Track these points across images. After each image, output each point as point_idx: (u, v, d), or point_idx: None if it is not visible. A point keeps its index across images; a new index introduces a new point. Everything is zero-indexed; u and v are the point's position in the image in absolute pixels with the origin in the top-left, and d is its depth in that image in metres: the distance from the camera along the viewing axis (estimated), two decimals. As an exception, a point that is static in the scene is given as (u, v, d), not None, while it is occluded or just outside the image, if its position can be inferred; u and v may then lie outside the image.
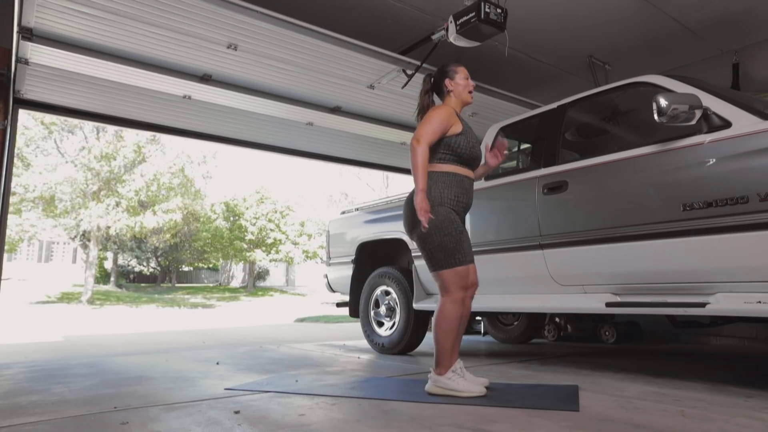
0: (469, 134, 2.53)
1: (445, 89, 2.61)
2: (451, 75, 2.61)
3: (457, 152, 2.47)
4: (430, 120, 2.44)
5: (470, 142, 2.51)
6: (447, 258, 2.37)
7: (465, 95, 2.61)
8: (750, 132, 2.26)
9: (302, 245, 24.44)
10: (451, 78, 2.60)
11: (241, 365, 3.54)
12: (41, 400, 2.39)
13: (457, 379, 2.34)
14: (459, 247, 2.38)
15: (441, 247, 2.37)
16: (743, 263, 2.26)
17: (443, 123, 2.45)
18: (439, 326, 2.38)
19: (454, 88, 2.60)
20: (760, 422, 1.83)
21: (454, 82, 2.60)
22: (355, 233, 4.65)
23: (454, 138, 2.47)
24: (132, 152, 19.15)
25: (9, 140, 3.87)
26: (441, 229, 2.37)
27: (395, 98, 4.71)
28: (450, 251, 2.36)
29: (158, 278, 29.92)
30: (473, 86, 2.65)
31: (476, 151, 2.55)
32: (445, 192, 2.42)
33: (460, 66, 2.65)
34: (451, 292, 2.37)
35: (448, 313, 2.37)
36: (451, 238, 2.37)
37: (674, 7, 4.13)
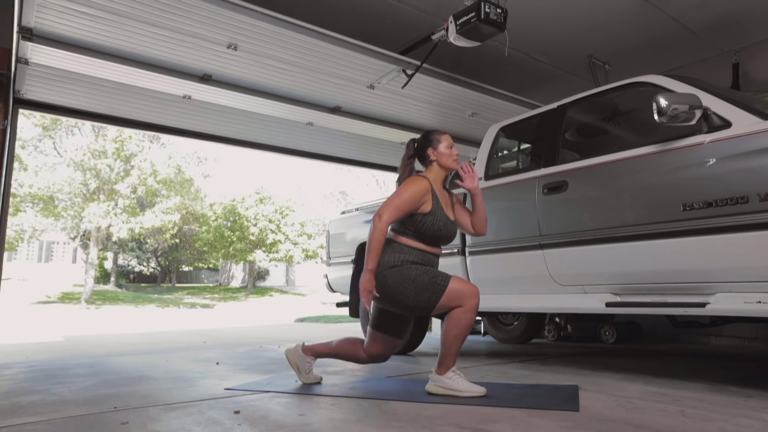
0: (438, 214, 2.45)
1: (428, 158, 2.57)
2: (434, 144, 2.56)
3: (420, 231, 2.42)
4: (399, 196, 2.39)
5: (437, 223, 2.44)
6: (434, 289, 2.33)
7: (449, 163, 2.55)
8: (750, 132, 2.26)
9: (302, 245, 24.43)
10: (434, 147, 2.55)
11: (241, 365, 3.54)
12: (41, 400, 2.39)
13: (457, 379, 2.34)
14: (432, 274, 2.36)
15: (421, 290, 2.33)
16: (743, 263, 2.26)
17: (413, 201, 2.39)
18: (449, 331, 2.36)
19: (437, 158, 2.55)
20: (760, 422, 1.83)
21: (437, 152, 2.54)
22: (355, 233, 4.65)
23: (420, 217, 2.41)
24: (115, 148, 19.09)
25: (9, 140, 3.87)
26: (406, 279, 2.34)
27: (395, 98, 4.71)
28: (430, 284, 2.33)
29: (158, 278, 29.92)
30: (457, 154, 2.58)
31: (443, 232, 2.46)
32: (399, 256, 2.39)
33: (444, 134, 2.60)
34: (464, 302, 2.33)
35: (462, 320, 2.34)
36: (420, 276, 2.34)
37: (674, 7, 4.13)
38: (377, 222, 2.34)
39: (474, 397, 2.29)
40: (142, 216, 20.04)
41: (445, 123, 5.41)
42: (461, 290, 2.33)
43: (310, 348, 2.74)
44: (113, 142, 19.08)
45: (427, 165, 2.60)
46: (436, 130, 2.64)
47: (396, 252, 2.41)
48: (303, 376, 2.71)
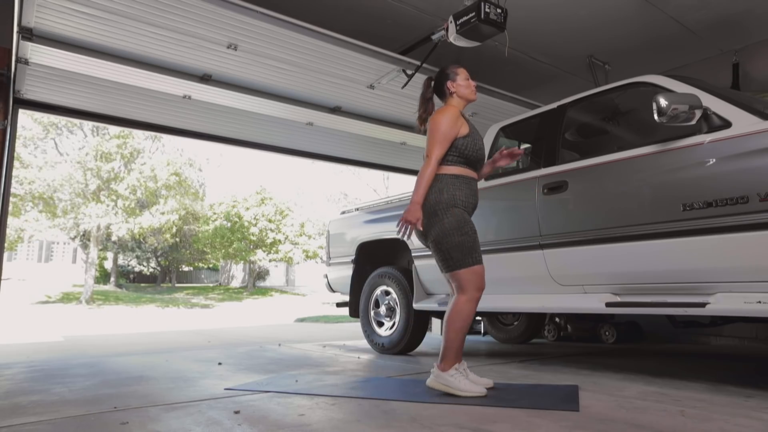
0: (475, 135, 2.55)
1: (448, 91, 2.62)
2: (452, 77, 2.62)
3: (464, 154, 2.48)
4: (438, 129, 2.44)
5: (477, 143, 2.53)
6: (464, 257, 2.38)
7: (468, 93, 2.62)
8: (750, 132, 2.26)
9: (302, 245, 24.43)
10: (453, 80, 2.61)
11: (241, 365, 3.54)
12: (41, 400, 2.39)
13: (459, 378, 2.35)
14: (476, 246, 2.42)
15: (459, 247, 2.38)
16: (743, 263, 2.26)
17: (453, 127, 2.46)
18: (452, 323, 2.38)
19: (456, 90, 2.60)
20: (760, 422, 1.83)
21: (456, 84, 2.60)
22: (355, 233, 4.65)
23: (461, 140, 2.48)
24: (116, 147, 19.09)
25: (9, 140, 3.87)
26: (458, 229, 2.39)
27: (395, 98, 4.71)
28: (467, 250, 2.38)
29: (158, 278, 29.92)
30: (475, 85, 2.66)
31: (482, 153, 2.57)
32: (457, 194, 2.44)
33: (459, 67, 2.65)
34: (468, 291, 2.38)
35: (463, 311, 2.37)
36: (468, 238, 2.39)
37: (674, 7, 4.13)
38: (428, 160, 2.41)
39: (473, 397, 2.28)
40: (141, 216, 20.03)
41: (445, 123, 5.40)
42: (474, 278, 2.38)
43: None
44: (116, 138, 19.08)
45: (446, 99, 2.64)
46: (451, 65, 2.69)
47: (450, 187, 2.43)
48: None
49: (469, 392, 2.30)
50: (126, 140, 19.38)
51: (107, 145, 19.00)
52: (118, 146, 19.26)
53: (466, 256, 2.38)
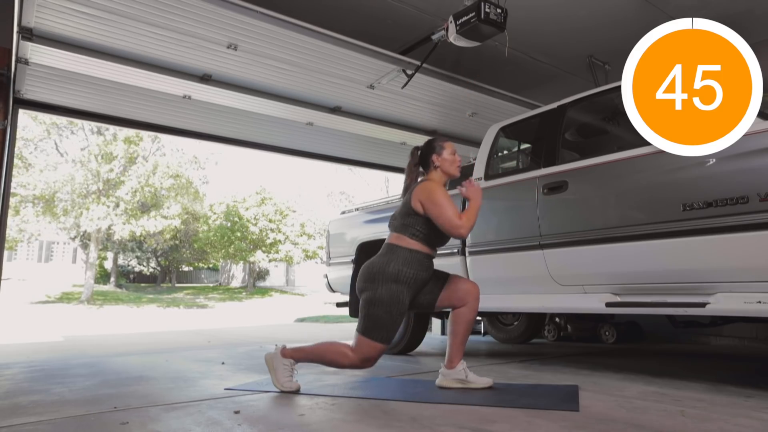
0: None
1: (432, 164, 2.62)
2: (438, 151, 2.62)
3: (428, 234, 2.50)
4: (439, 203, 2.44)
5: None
6: (374, 330, 2.40)
7: (452, 170, 2.63)
8: (750, 132, 2.26)
9: (302, 245, 24.43)
10: (438, 154, 2.61)
11: (241, 365, 3.54)
12: (41, 400, 2.39)
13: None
14: (393, 327, 2.42)
15: (377, 319, 2.40)
16: (743, 263, 2.26)
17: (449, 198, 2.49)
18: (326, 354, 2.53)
19: (441, 164, 2.61)
20: (760, 422, 1.83)
21: (441, 158, 2.61)
22: (355, 233, 4.65)
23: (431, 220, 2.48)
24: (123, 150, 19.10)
25: (9, 140, 3.87)
26: (385, 305, 2.40)
27: (395, 98, 4.70)
28: (381, 327, 2.40)
29: (158, 278, 29.92)
30: (460, 160, 2.66)
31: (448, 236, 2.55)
32: (404, 269, 2.44)
33: (447, 141, 2.67)
34: (356, 354, 2.44)
35: (340, 357, 2.48)
36: (389, 318, 2.40)
37: (674, 7, 4.13)
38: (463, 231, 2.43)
39: (476, 394, 2.36)
40: (144, 219, 20.01)
41: (445, 123, 5.41)
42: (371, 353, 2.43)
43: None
44: (124, 142, 19.08)
45: (429, 170, 2.65)
46: (438, 137, 2.74)
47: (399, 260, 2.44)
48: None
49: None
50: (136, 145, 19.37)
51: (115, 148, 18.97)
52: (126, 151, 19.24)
53: (378, 330, 2.40)
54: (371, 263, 2.51)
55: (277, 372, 2.53)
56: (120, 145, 19.11)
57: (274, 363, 2.55)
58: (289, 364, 2.54)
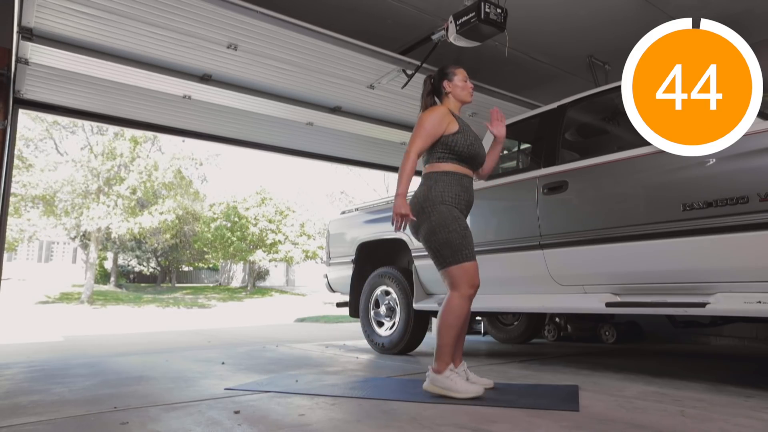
0: (467, 132, 2.52)
1: (444, 90, 2.63)
2: (450, 77, 2.62)
3: (454, 150, 2.47)
4: (422, 125, 2.46)
5: (468, 140, 2.50)
6: (454, 254, 2.37)
7: (464, 95, 2.63)
8: (750, 132, 2.26)
9: (302, 245, 24.43)
10: (450, 80, 2.62)
11: (241, 365, 3.54)
12: (41, 400, 2.38)
13: (455, 379, 2.31)
14: (465, 242, 2.39)
15: (447, 244, 2.37)
16: (743, 263, 2.26)
17: (435, 124, 2.46)
18: (444, 320, 2.38)
19: (452, 90, 2.61)
20: (760, 422, 1.83)
21: (452, 84, 2.61)
22: (355, 233, 4.65)
23: (451, 137, 2.47)
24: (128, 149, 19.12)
25: (9, 140, 3.87)
26: (445, 226, 2.37)
27: (395, 98, 4.70)
28: (456, 247, 2.37)
29: (158, 278, 29.91)
30: (472, 87, 2.66)
31: (475, 149, 2.53)
32: (446, 191, 2.43)
33: (458, 68, 2.66)
34: (460, 288, 2.37)
35: (456, 308, 2.37)
36: (456, 235, 2.37)
37: (674, 7, 4.13)
38: (406, 155, 2.40)
39: (471, 398, 2.25)
40: (140, 216, 20.01)
41: (445, 123, 5.40)
42: (467, 275, 2.36)
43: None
44: (130, 141, 19.08)
45: (442, 98, 2.64)
46: (451, 65, 2.69)
47: (439, 184, 2.43)
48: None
49: (466, 393, 2.27)
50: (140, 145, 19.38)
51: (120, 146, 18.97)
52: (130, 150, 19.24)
53: (456, 252, 2.37)
54: (414, 196, 2.49)
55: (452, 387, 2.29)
56: (125, 144, 19.10)
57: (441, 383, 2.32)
58: (450, 371, 2.35)
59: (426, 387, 2.39)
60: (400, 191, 2.39)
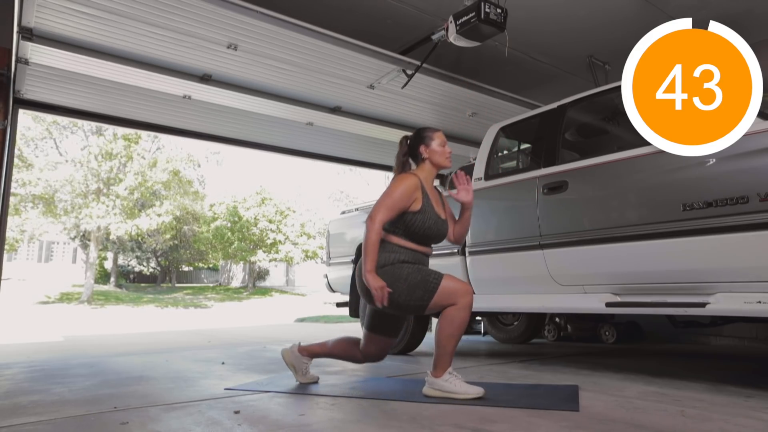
0: (428, 212, 2.42)
1: (420, 155, 2.52)
2: (427, 141, 2.52)
3: (410, 230, 2.39)
4: (390, 195, 2.36)
5: (427, 221, 2.41)
6: (426, 289, 2.31)
7: (441, 161, 2.51)
8: (750, 132, 2.26)
9: (302, 245, 24.43)
10: (427, 144, 2.51)
11: (241, 365, 3.54)
12: (41, 400, 2.39)
13: (453, 381, 2.31)
14: (425, 274, 2.33)
15: (413, 288, 2.30)
16: (743, 263, 2.26)
17: (403, 199, 2.36)
18: (444, 331, 2.34)
19: (429, 155, 2.50)
20: (760, 422, 1.83)
21: (429, 149, 2.50)
22: (355, 233, 4.65)
23: (410, 215, 2.38)
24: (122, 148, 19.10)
25: (9, 140, 3.87)
26: (398, 278, 2.31)
27: (395, 98, 4.70)
28: (421, 282, 2.31)
29: (158, 278, 29.91)
30: (449, 152, 2.54)
31: (432, 231, 2.44)
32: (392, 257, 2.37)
33: (437, 131, 2.56)
34: (457, 301, 2.31)
35: (456, 319, 2.32)
36: (412, 276, 2.32)
37: (674, 7, 4.13)
38: (371, 224, 2.31)
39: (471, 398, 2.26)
40: (138, 219, 19.99)
41: (445, 123, 5.41)
42: (454, 288, 2.32)
43: (306, 348, 2.75)
44: (124, 139, 19.07)
45: (419, 162, 2.56)
46: (428, 128, 2.60)
47: (387, 251, 2.38)
48: (300, 376, 2.73)
49: (466, 394, 2.27)
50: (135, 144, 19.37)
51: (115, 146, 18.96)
52: (125, 147, 19.22)
53: (426, 284, 2.30)
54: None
55: (452, 389, 2.30)
56: (120, 143, 19.09)
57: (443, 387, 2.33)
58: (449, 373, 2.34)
59: (426, 391, 2.36)
60: (368, 268, 2.28)
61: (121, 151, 19.10)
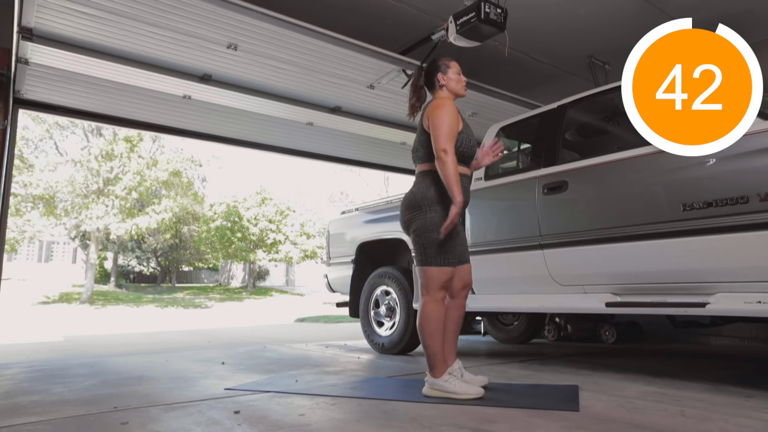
0: (468, 130, 2.49)
1: (437, 83, 2.54)
2: (444, 69, 2.54)
3: (458, 150, 2.40)
4: (444, 122, 2.35)
5: (470, 139, 2.48)
6: (437, 256, 2.35)
7: (458, 88, 2.55)
8: (750, 132, 2.26)
9: (301, 245, 24.43)
10: (444, 72, 2.53)
11: (241, 365, 3.54)
12: (41, 400, 2.39)
13: (453, 381, 2.32)
14: (451, 247, 2.38)
15: (434, 244, 2.35)
16: (743, 263, 2.26)
17: (456, 121, 2.40)
18: (424, 329, 2.36)
19: (446, 83, 2.53)
20: (760, 422, 1.83)
21: (446, 77, 2.53)
22: (355, 233, 4.65)
23: (458, 136, 2.41)
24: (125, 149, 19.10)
25: (9, 140, 3.87)
26: (438, 227, 2.33)
27: (395, 98, 4.70)
28: (442, 250, 2.35)
29: (158, 278, 29.90)
30: (465, 81, 2.60)
31: (474, 149, 2.51)
32: (445, 191, 2.38)
33: (452, 60, 2.58)
34: (431, 291, 2.36)
35: (431, 313, 2.35)
36: (447, 238, 2.35)
37: (674, 7, 4.14)
38: (445, 156, 2.30)
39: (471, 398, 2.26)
40: (137, 218, 19.98)
41: (445, 123, 5.40)
42: (443, 277, 2.35)
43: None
44: (125, 141, 19.05)
45: (435, 90, 2.57)
46: (444, 56, 2.62)
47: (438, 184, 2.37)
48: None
49: (465, 394, 2.27)
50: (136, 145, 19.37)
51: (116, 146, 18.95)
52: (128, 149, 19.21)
53: (440, 255, 2.35)
54: (411, 193, 2.45)
55: (452, 389, 2.29)
56: (121, 144, 19.09)
57: (441, 387, 2.32)
58: (449, 375, 2.35)
59: (425, 392, 2.36)
60: (459, 199, 2.27)
61: (123, 152, 19.09)
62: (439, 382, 2.33)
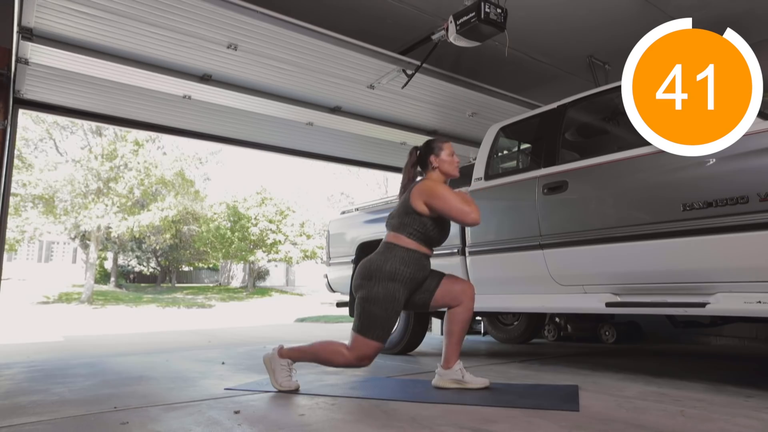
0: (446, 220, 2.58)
1: (430, 165, 2.64)
2: (437, 152, 2.64)
3: (427, 233, 2.51)
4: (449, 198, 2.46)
5: (445, 228, 2.58)
6: (369, 327, 2.42)
7: (450, 170, 2.64)
8: (750, 132, 2.26)
9: (301, 245, 24.43)
10: (437, 155, 2.63)
11: (241, 365, 3.54)
12: (41, 400, 2.39)
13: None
14: (385, 325, 2.43)
15: (370, 316, 2.42)
16: (743, 263, 2.26)
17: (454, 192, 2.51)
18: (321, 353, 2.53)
19: (439, 165, 2.63)
20: (760, 422, 1.83)
21: (439, 159, 2.63)
22: (355, 233, 4.65)
23: (430, 219, 2.50)
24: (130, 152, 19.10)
25: (9, 140, 3.87)
26: (380, 302, 2.41)
27: (395, 98, 4.70)
28: (375, 324, 2.42)
29: (158, 278, 29.90)
30: (458, 162, 2.68)
31: (445, 235, 2.60)
32: (401, 268, 2.45)
33: (446, 142, 2.69)
34: (352, 354, 2.45)
35: (338, 357, 2.49)
36: (385, 315, 2.42)
37: (674, 7, 4.13)
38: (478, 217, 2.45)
39: (475, 394, 2.36)
40: (140, 214, 19.97)
41: (445, 123, 5.41)
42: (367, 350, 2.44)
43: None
44: (134, 144, 19.05)
45: (428, 171, 2.67)
46: (438, 138, 2.75)
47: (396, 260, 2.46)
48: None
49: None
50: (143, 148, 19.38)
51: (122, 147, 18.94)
52: (133, 152, 19.21)
53: (371, 327, 2.42)
54: (368, 261, 2.53)
55: (276, 373, 2.54)
56: (128, 147, 19.09)
57: (273, 364, 2.56)
58: (287, 364, 2.56)
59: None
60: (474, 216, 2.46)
61: (126, 153, 19.09)
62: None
